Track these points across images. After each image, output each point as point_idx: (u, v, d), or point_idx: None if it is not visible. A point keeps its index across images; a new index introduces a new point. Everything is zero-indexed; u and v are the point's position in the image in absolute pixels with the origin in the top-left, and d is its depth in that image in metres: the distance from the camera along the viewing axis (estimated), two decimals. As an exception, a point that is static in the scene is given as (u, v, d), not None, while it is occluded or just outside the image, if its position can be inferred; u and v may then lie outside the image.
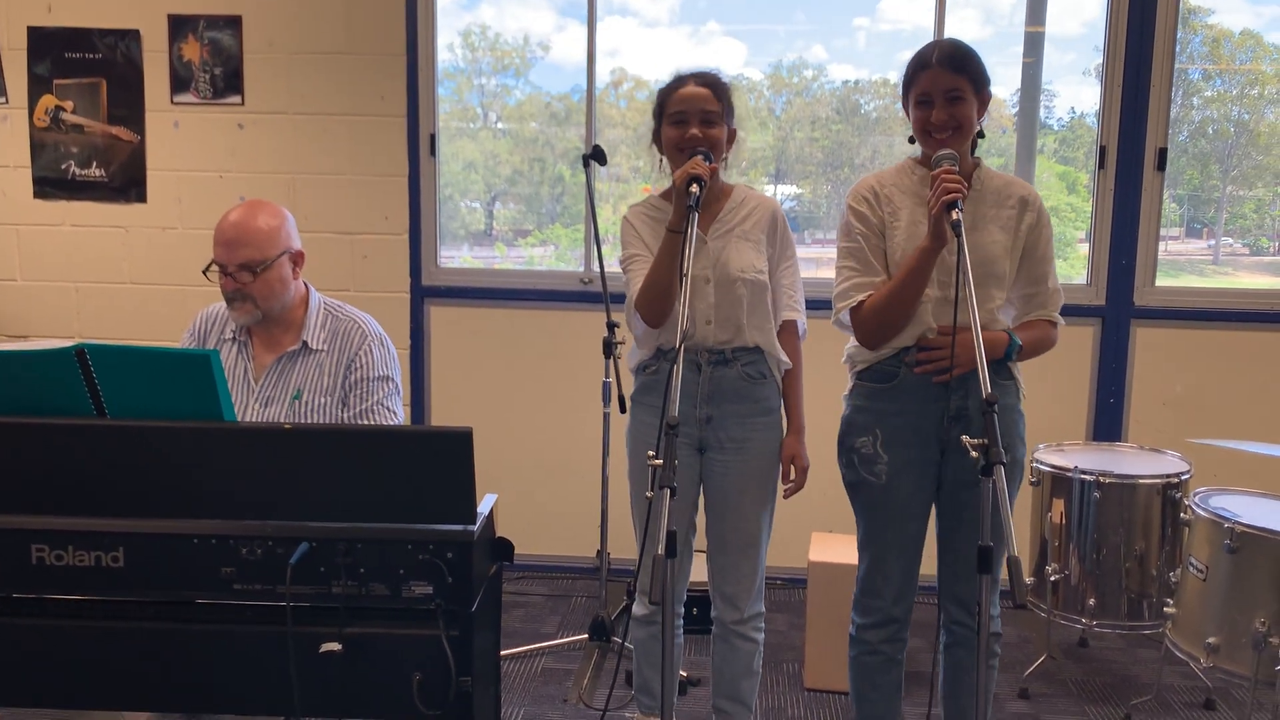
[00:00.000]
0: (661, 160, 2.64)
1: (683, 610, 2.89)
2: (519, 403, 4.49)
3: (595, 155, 3.63)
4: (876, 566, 2.58)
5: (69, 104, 4.40)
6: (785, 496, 2.72)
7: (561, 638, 3.88)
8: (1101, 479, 3.30)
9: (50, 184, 4.47)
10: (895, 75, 4.52)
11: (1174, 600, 3.06)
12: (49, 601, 1.88)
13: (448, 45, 4.46)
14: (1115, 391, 4.26)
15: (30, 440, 1.84)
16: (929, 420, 2.48)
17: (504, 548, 2.00)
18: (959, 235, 2.22)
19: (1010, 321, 2.57)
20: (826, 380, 3.84)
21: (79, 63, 4.38)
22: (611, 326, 3.51)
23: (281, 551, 1.82)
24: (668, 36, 4.53)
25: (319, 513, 1.83)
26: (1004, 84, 4.45)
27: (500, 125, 4.74)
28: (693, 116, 2.54)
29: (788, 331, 2.71)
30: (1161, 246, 4.30)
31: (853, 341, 2.59)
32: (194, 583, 1.84)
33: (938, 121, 2.40)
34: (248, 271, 2.44)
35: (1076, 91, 4.43)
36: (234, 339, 2.57)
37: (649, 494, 1.95)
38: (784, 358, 2.67)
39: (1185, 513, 3.08)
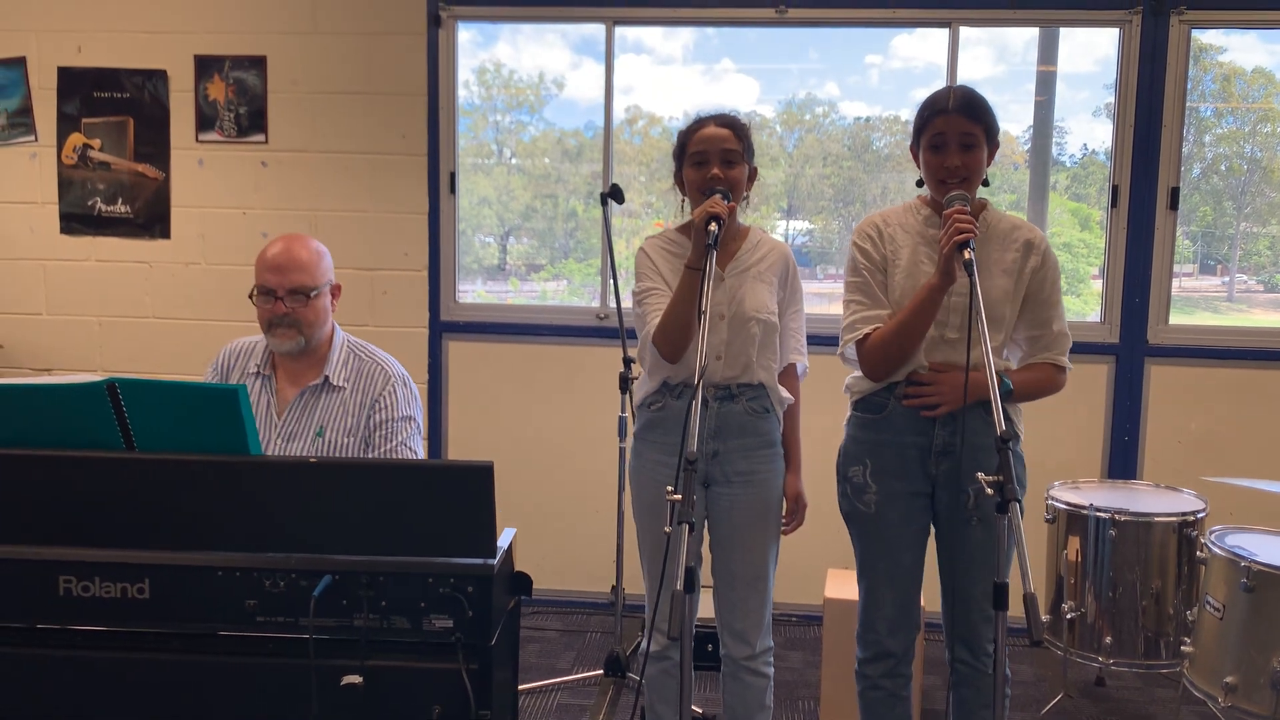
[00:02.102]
0: (683, 201, 2.68)
1: (693, 646, 2.89)
2: (535, 437, 4.52)
3: (613, 194, 3.68)
4: (869, 598, 2.61)
5: (96, 142, 4.49)
6: (785, 534, 2.74)
7: (577, 673, 3.88)
8: (1117, 517, 3.30)
9: (77, 220, 4.55)
10: (907, 113, 4.57)
11: (1191, 639, 3.05)
12: (75, 632, 1.89)
13: (464, 82, 4.53)
14: (1130, 429, 4.26)
15: (60, 472, 1.87)
16: (915, 452, 2.51)
17: (522, 582, 2.02)
18: (971, 275, 2.24)
19: (1015, 364, 2.59)
20: (838, 415, 3.86)
21: (107, 102, 4.47)
22: (628, 362, 3.55)
23: (305, 584, 1.83)
24: (681, 74, 4.60)
25: (342, 546, 1.85)
26: (1016, 121, 4.50)
27: (514, 161, 4.80)
28: (713, 157, 2.58)
29: (789, 374, 2.76)
30: (1175, 283, 4.32)
31: (854, 372, 2.62)
32: (218, 614, 1.86)
33: (951, 167, 2.44)
34: (300, 295, 2.47)
35: (1089, 128, 4.48)
36: (258, 373, 2.57)
37: (667, 529, 1.97)
38: (785, 394, 2.71)
39: (1201, 551, 3.07)
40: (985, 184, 2.55)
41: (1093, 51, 4.39)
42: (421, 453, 2.62)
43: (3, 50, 4.51)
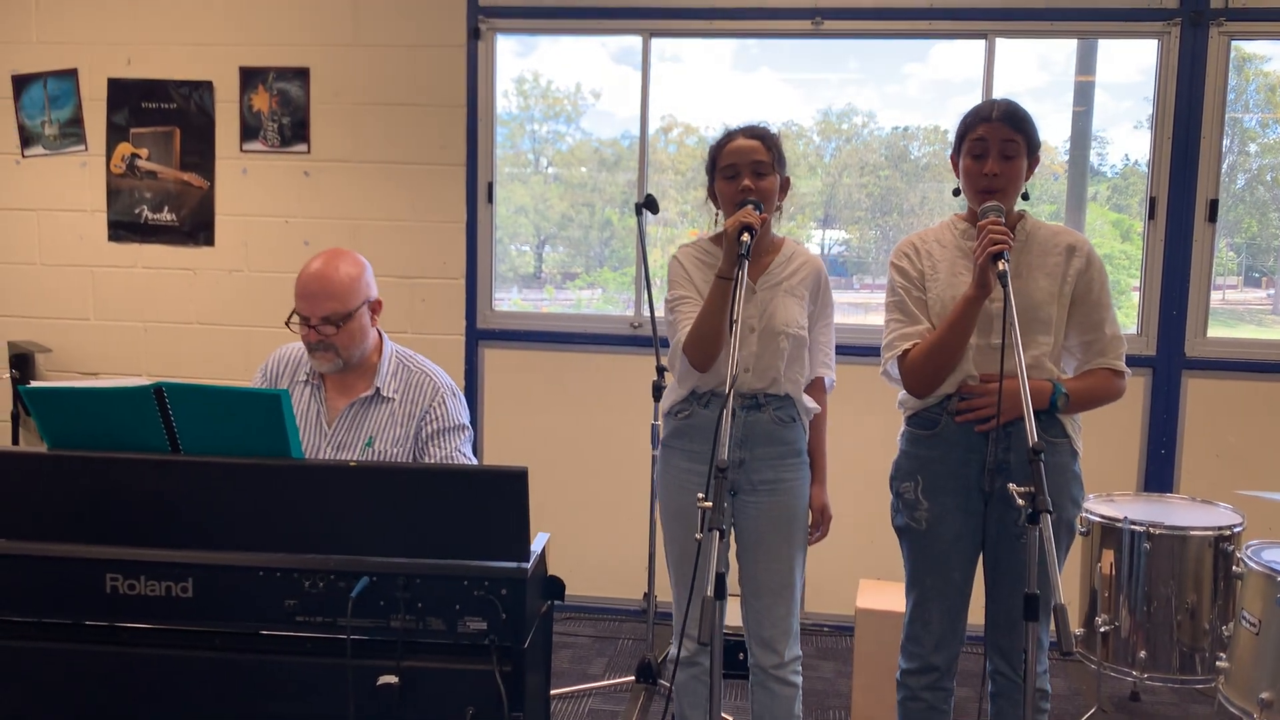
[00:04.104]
0: (717, 215, 2.70)
1: (723, 653, 2.90)
2: (569, 444, 4.55)
3: (648, 204, 3.71)
4: (917, 613, 2.61)
5: (144, 151, 4.60)
6: (810, 544, 2.75)
7: (609, 679, 3.91)
8: (1152, 530, 3.28)
9: (124, 227, 4.65)
10: (945, 122, 4.57)
11: (1227, 654, 3.02)
12: (120, 629, 1.94)
13: (502, 93, 4.59)
14: (1166, 442, 4.22)
15: (109, 473, 1.93)
16: (969, 469, 2.50)
17: (555, 586, 2.04)
18: (1005, 286, 2.25)
19: (1070, 371, 2.57)
20: (873, 426, 3.86)
21: (155, 112, 4.57)
22: (661, 370, 3.57)
23: (343, 585, 1.87)
24: (719, 84, 4.62)
25: (379, 548, 1.89)
26: (1055, 132, 4.48)
27: (551, 170, 4.85)
28: (744, 169, 2.60)
29: (817, 387, 2.77)
30: (1219, 295, 4.27)
31: (901, 389, 2.63)
32: (258, 614, 1.90)
33: (990, 174, 2.45)
34: (330, 324, 2.48)
35: (1131, 139, 4.45)
36: (307, 381, 2.61)
37: (698, 535, 1.99)
38: (811, 404, 2.72)
39: (1237, 565, 3.05)
40: (1025, 197, 2.56)
41: (1136, 61, 4.36)
42: (473, 459, 2.64)
43: (56, 62, 4.63)
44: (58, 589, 1.92)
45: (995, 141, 2.45)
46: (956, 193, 2.57)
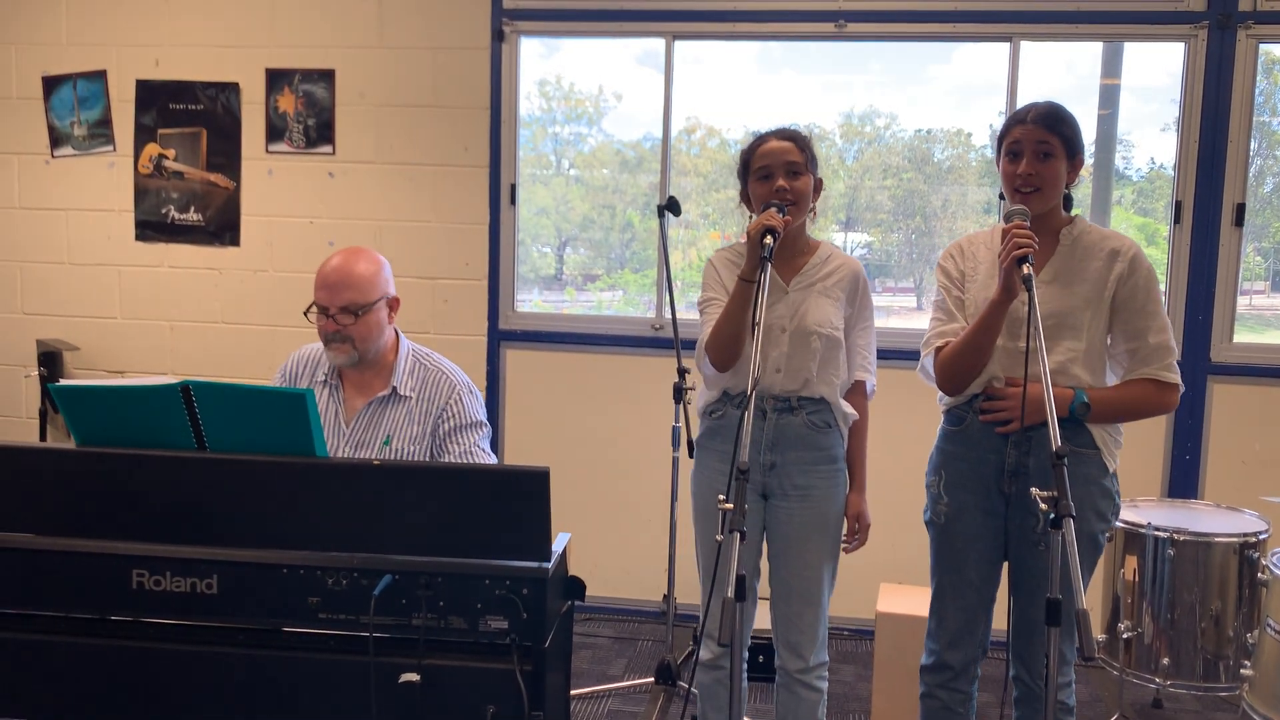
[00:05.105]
0: (750, 217, 2.70)
1: (747, 656, 2.90)
2: (590, 445, 4.56)
3: (670, 206, 3.71)
4: (934, 607, 2.63)
5: (171, 152, 4.64)
6: (846, 552, 2.74)
7: (628, 680, 3.91)
8: (1176, 536, 3.26)
9: (151, 227, 4.70)
10: (969, 125, 4.55)
11: (1251, 662, 3.00)
12: (145, 624, 1.96)
13: (525, 95, 4.60)
14: (1191, 448, 4.19)
15: (135, 470, 1.95)
16: (987, 469, 2.51)
17: (576, 586, 2.05)
18: (1029, 290, 2.25)
19: (1115, 380, 2.55)
20: (896, 430, 3.85)
21: (182, 113, 4.62)
22: (682, 372, 3.58)
23: (366, 583, 1.89)
24: (741, 85, 4.62)
25: (402, 546, 1.90)
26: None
27: (573, 172, 4.86)
28: (778, 170, 2.61)
29: (857, 392, 2.75)
30: (1246, 301, 4.24)
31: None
32: (282, 611, 1.92)
33: (1023, 174, 2.46)
34: (349, 314, 2.52)
35: (1157, 142, 4.41)
36: (325, 381, 2.64)
37: (719, 537, 1.99)
38: (849, 410, 2.70)
39: (1263, 572, 3.02)
40: (1068, 199, 2.55)
41: (1163, 64, 4.32)
42: (492, 456, 2.66)
43: (86, 64, 4.68)
44: (84, 584, 1.95)
45: (1029, 143, 2.46)
46: (1002, 196, 2.58)
